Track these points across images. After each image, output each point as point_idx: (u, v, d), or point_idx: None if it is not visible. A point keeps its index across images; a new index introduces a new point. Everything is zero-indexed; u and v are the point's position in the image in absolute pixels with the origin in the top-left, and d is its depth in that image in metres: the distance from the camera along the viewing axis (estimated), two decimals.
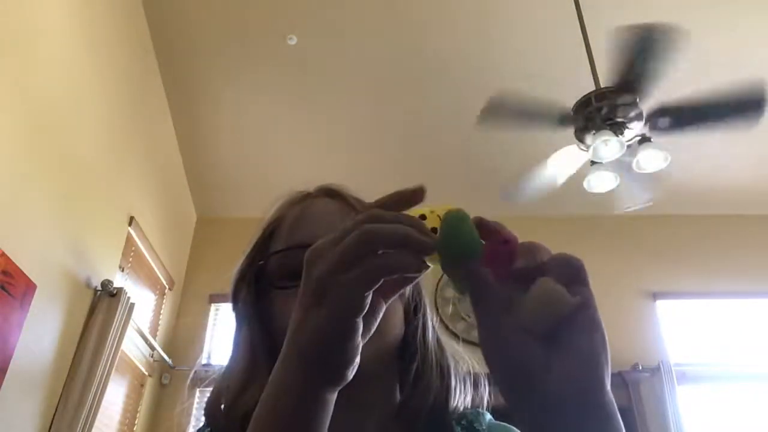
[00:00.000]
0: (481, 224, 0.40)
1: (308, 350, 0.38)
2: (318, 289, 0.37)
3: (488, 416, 0.61)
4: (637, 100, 2.43)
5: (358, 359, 0.39)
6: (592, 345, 0.36)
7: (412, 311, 0.60)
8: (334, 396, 0.40)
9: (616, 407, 0.36)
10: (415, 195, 0.41)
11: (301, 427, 0.39)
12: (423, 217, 0.40)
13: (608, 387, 0.36)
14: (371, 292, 0.37)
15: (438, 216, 0.40)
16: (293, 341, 0.39)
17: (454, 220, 0.39)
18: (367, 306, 0.37)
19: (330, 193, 0.64)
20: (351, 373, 0.39)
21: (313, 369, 0.38)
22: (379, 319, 0.42)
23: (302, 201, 0.64)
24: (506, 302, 0.38)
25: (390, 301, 0.43)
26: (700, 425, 3.71)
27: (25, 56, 2.32)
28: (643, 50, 2.23)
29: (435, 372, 0.59)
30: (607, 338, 0.37)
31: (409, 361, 0.59)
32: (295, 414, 0.39)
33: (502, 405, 0.43)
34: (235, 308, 0.62)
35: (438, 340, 0.62)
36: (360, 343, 0.39)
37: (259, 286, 0.61)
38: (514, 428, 0.58)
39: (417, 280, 0.44)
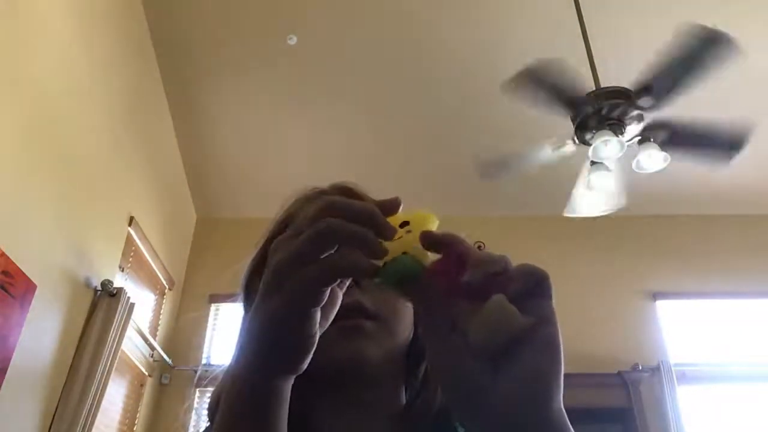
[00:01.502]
0: (430, 239, 0.38)
1: (262, 336, 0.38)
2: (275, 279, 0.37)
3: None
4: (650, 105, 2.41)
5: (313, 350, 0.38)
6: (540, 362, 0.35)
7: None
8: (289, 386, 0.39)
9: (566, 423, 0.36)
10: (390, 206, 0.39)
11: (252, 415, 0.38)
12: (406, 223, 0.39)
13: (557, 403, 0.35)
14: (328, 288, 0.37)
15: (399, 218, 0.39)
16: (248, 327, 0.39)
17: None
18: (325, 299, 0.37)
19: (345, 191, 0.64)
20: (305, 364, 0.39)
21: (266, 356, 0.38)
22: (337, 308, 0.42)
23: (313, 198, 0.64)
24: (450, 321, 0.37)
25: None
26: (700, 425, 3.71)
27: (25, 56, 2.32)
28: (695, 55, 2.15)
29: (418, 365, 0.58)
30: (560, 356, 0.36)
31: (417, 362, 0.58)
32: (247, 402, 0.38)
33: None
34: (246, 300, 0.62)
35: None
36: (317, 333, 0.38)
37: None
38: None
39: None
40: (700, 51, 2.15)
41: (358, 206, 0.37)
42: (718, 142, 2.48)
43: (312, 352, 0.39)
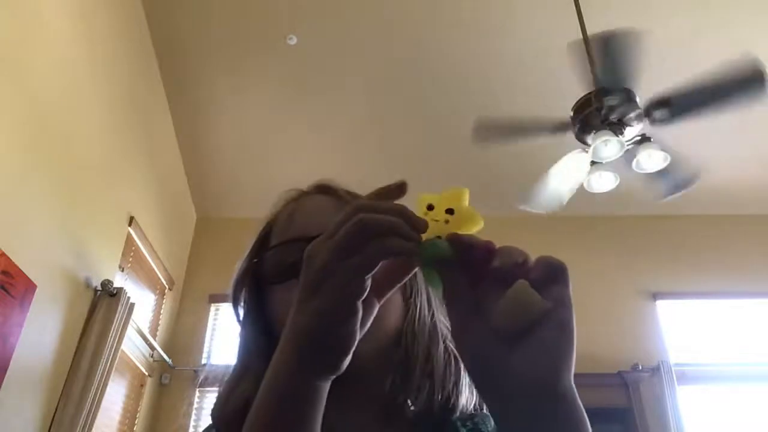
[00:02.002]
0: (456, 241, 0.41)
1: (305, 335, 0.39)
2: (317, 279, 0.39)
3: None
4: (632, 96, 2.43)
5: (352, 351, 0.40)
6: (555, 341, 0.38)
7: (411, 300, 0.60)
8: (327, 386, 0.41)
9: (577, 399, 0.38)
10: (398, 190, 0.43)
11: (293, 415, 0.39)
12: (431, 207, 0.42)
13: (567, 380, 0.38)
14: (370, 276, 0.39)
15: (445, 199, 0.43)
16: (290, 329, 0.40)
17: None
18: (367, 290, 0.39)
19: (322, 189, 0.66)
20: (345, 363, 0.40)
21: (308, 355, 0.39)
22: (373, 317, 0.44)
23: (295, 199, 0.66)
24: (474, 303, 0.41)
25: (383, 300, 0.44)
26: (700, 425, 3.71)
27: (25, 57, 2.32)
28: (609, 55, 2.25)
29: (422, 365, 0.57)
30: (573, 337, 0.39)
31: (403, 354, 0.57)
32: (287, 402, 0.39)
33: None
34: (235, 310, 0.63)
35: (438, 334, 0.60)
36: (357, 331, 0.40)
37: (258, 286, 0.62)
38: None
39: (407, 278, 0.46)
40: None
41: (385, 205, 0.41)
42: (735, 88, 2.28)
43: (351, 355, 0.40)
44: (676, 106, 2.40)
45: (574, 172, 2.68)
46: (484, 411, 0.60)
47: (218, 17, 3.39)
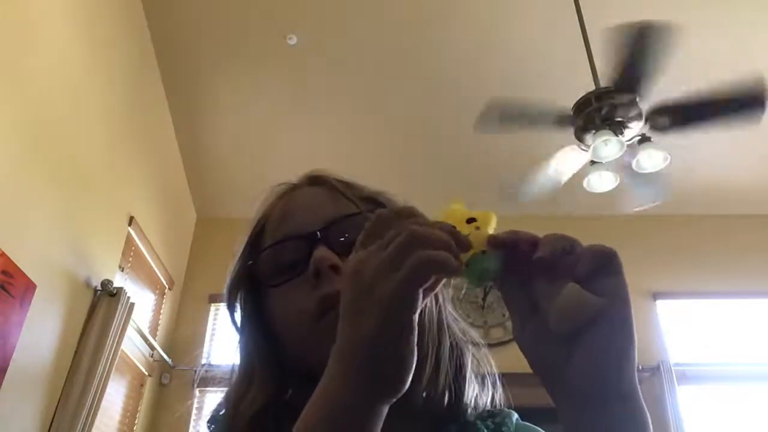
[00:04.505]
0: (496, 243, 0.40)
1: (364, 359, 0.36)
2: (367, 294, 0.36)
3: (515, 416, 0.59)
4: (637, 99, 2.43)
5: (414, 366, 0.37)
6: (613, 340, 0.38)
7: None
8: (387, 408, 0.38)
9: (640, 398, 0.39)
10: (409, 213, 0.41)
11: None
12: (471, 219, 0.42)
13: (628, 380, 0.38)
14: (422, 289, 0.36)
15: (474, 219, 0.42)
16: (344, 353, 0.37)
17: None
18: (420, 305, 0.36)
19: (314, 180, 0.63)
20: (408, 381, 0.37)
21: (370, 381, 0.36)
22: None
23: (287, 193, 0.62)
24: (531, 305, 0.41)
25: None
26: (700, 425, 3.71)
27: (25, 56, 2.32)
28: (638, 49, 2.22)
29: (449, 367, 0.55)
30: (632, 332, 0.39)
31: (421, 358, 0.56)
32: (346, 430, 0.36)
33: (525, 405, 0.47)
34: (231, 314, 0.60)
35: (446, 329, 0.57)
36: (415, 348, 0.37)
37: (255, 288, 0.59)
38: (540, 429, 0.56)
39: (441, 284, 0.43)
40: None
41: (436, 225, 0.39)
42: (736, 105, 2.34)
43: (413, 370, 0.37)
44: (677, 116, 2.41)
45: (566, 167, 2.69)
46: (506, 409, 0.59)
47: (218, 17, 3.39)
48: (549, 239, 0.40)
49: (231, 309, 0.60)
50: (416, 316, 0.36)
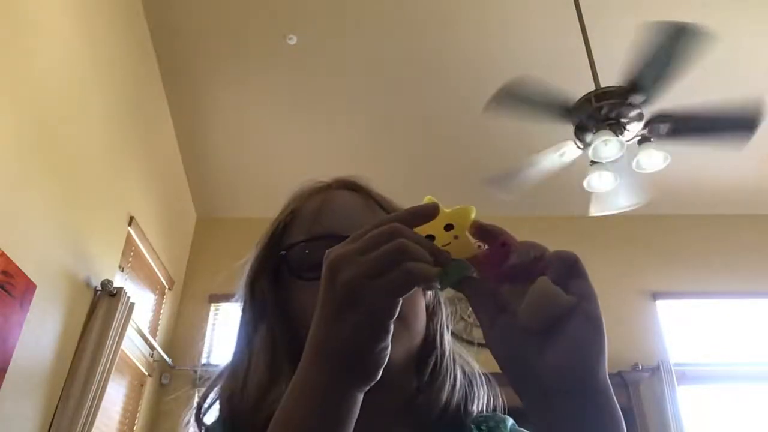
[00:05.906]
0: (480, 228, 0.42)
1: (341, 353, 0.39)
2: (349, 294, 0.38)
3: (510, 421, 0.60)
4: (642, 101, 2.42)
5: (386, 362, 0.40)
6: (584, 335, 0.39)
7: (432, 310, 0.60)
8: (362, 394, 0.41)
9: (611, 394, 0.39)
10: (430, 212, 0.42)
11: (331, 427, 0.39)
12: (449, 226, 0.43)
13: (603, 374, 0.39)
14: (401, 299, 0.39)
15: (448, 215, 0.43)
16: (322, 345, 0.40)
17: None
18: (398, 310, 0.39)
19: (352, 186, 0.64)
20: (378, 375, 0.40)
21: (345, 371, 0.39)
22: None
23: (320, 192, 0.63)
24: (500, 304, 0.42)
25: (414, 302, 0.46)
26: (700, 425, 3.71)
27: (25, 56, 2.32)
28: (667, 49, 2.18)
29: (449, 371, 0.58)
30: (603, 328, 0.39)
31: (426, 359, 0.58)
32: (325, 415, 0.39)
33: (517, 406, 0.47)
34: (251, 300, 0.60)
35: (445, 339, 0.61)
36: (389, 345, 0.40)
37: (279, 278, 0.59)
38: None
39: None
40: (671, 45, 2.17)
41: (419, 237, 0.41)
42: (729, 124, 2.40)
43: (385, 364, 0.40)
44: (678, 125, 2.42)
45: (559, 160, 2.69)
46: (500, 414, 0.61)
47: (218, 17, 3.39)
48: (524, 246, 0.42)
49: (252, 292, 0.60)
50: (392, 321, 0.39)
